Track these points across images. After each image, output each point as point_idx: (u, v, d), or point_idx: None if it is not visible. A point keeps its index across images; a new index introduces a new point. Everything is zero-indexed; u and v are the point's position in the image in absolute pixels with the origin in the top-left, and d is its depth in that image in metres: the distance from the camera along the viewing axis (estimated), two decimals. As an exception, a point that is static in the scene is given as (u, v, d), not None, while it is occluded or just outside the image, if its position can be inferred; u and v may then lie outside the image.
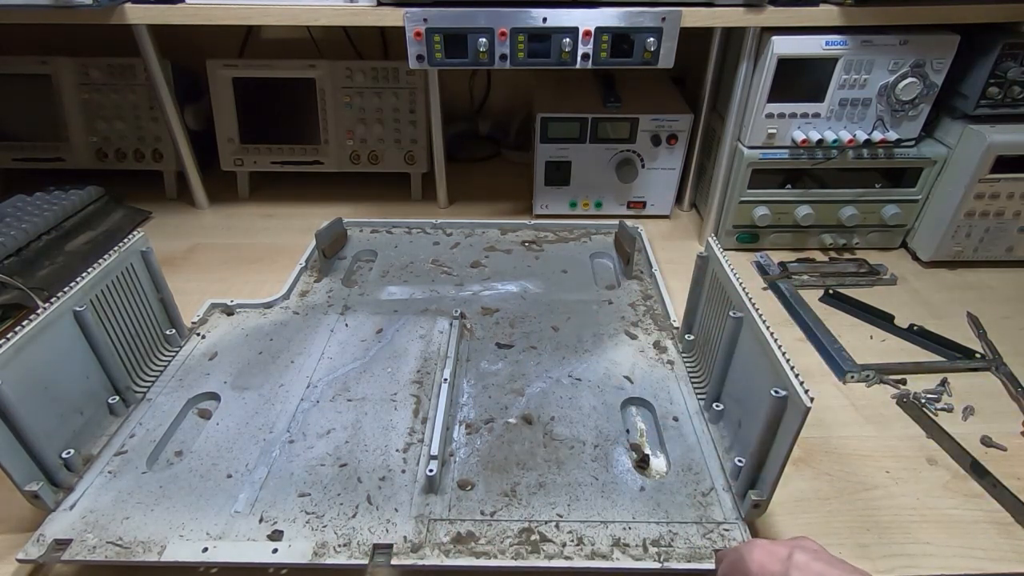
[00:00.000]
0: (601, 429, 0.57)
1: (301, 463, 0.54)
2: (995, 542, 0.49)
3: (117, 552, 0.46)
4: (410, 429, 0.57)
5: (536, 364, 0.65)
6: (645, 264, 0.82)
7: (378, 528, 0.48)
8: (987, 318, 0.72)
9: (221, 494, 0.51)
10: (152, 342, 0.64)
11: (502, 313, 0.72)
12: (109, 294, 0.58)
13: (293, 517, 0.49)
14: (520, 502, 0.50)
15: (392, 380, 0.63)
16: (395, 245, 0.86)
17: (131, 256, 0.61)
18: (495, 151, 1.18)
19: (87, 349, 0.55)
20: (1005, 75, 0.71)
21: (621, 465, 0.54)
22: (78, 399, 0.55)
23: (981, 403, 0.61)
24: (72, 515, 0.49)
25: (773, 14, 0.71)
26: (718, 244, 0.59)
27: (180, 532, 0.48)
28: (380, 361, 0.65)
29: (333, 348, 0.67)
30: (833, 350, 0.67)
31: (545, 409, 0.59)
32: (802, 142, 0.77)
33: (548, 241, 0.88)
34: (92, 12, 0.72)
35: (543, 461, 0.54)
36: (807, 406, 0.39)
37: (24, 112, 0.94)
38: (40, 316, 0.50)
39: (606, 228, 0.89)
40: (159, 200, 0.98)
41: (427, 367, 0.64)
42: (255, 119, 0.96)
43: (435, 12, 0.69)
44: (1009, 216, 0.78)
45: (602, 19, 0.70)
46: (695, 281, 0.64)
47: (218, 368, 0.65)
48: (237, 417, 0.59)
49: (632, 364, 0.65)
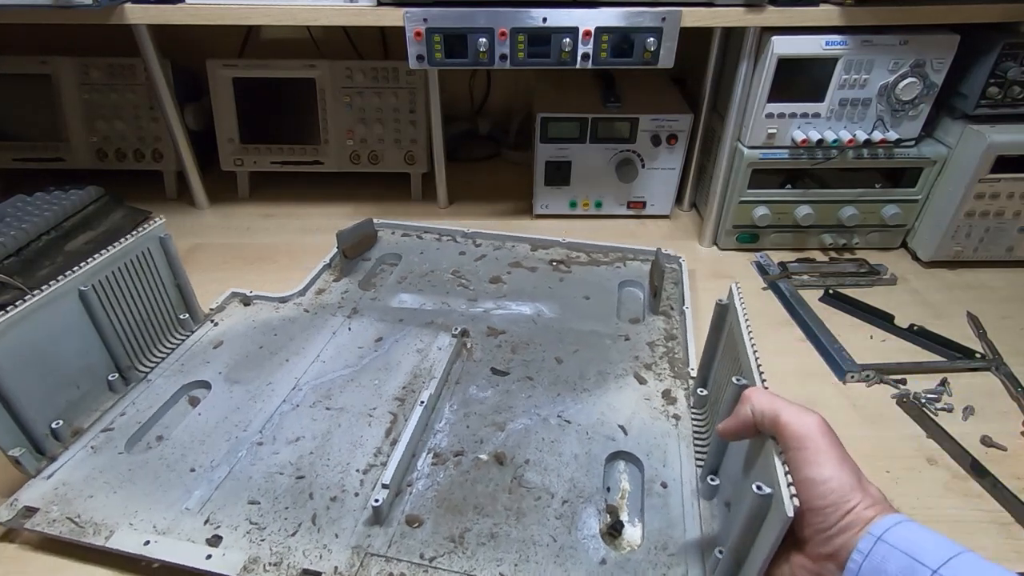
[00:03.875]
0: (576, 482, 0.51)
1: (262, 468, 0.52)
2: (995, 542, 0.49)
3: (71, 530, 0.47)
4: (377, 449, 0.54)
5: (527, 397, 0.60)
6: (679, 300, 0.74)
7: (312, 552, 0.46)
8: (987, 318, 0.72)
9: (179, 487, 0.51)
10: (164, 325, 0.66)
11: (508, 336, 0.68)
12: (121, 276, 0.60)
13: (236, 524, 0.48)
14: (465, 552, 0.46)
15: (376, 394, 0.60)
16: (421, 251, 0.84)
17: (148, 241, 0.62)
18: (495, 151, 1.18)
19: (90, 327, 0.57)
20: (1005, 75, 0.71)
21: (587, 528, 0.48)
22: (75, 374, 0.56)
23: (981, 403, 0.61)
24: (47, 485, 0.50)
25: (773, 14, 0.71)
26: (740, 294, 0.52)
27: (131, 520, 0.48)
28: (370, 371, 0.63)
29: (329, 351, 0.66)
30: (833, 350, 0.67)
31: (522, 450, 0.54)
32: (802, 142, 0.77)
33: (578, 262, 0.82)
34: (92, 12, 0.72)
35: (503, 508, 0.49)
36: (788, 516, 0.33)
37: (24, 112, 0.94)
38: (41, 293, 0.52)
39: (644, 254, 0.83)
40: (159, 200, 0.98)
41: (414, 384, 0.61)
42: (255, 119, 0.96)
43: (435, 12, 0.69)
44: (1009, 216, 0.78)
45: (602, 19, 0.70)
46: (713, 329, 0.56)
47: (218, 357, 0.65)
48: (220, 410, 0.58)
49: (632, 412, 0.58)
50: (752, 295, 0.78)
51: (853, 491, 0.35)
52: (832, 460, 0.35)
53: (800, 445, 0.36)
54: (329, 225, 0.93)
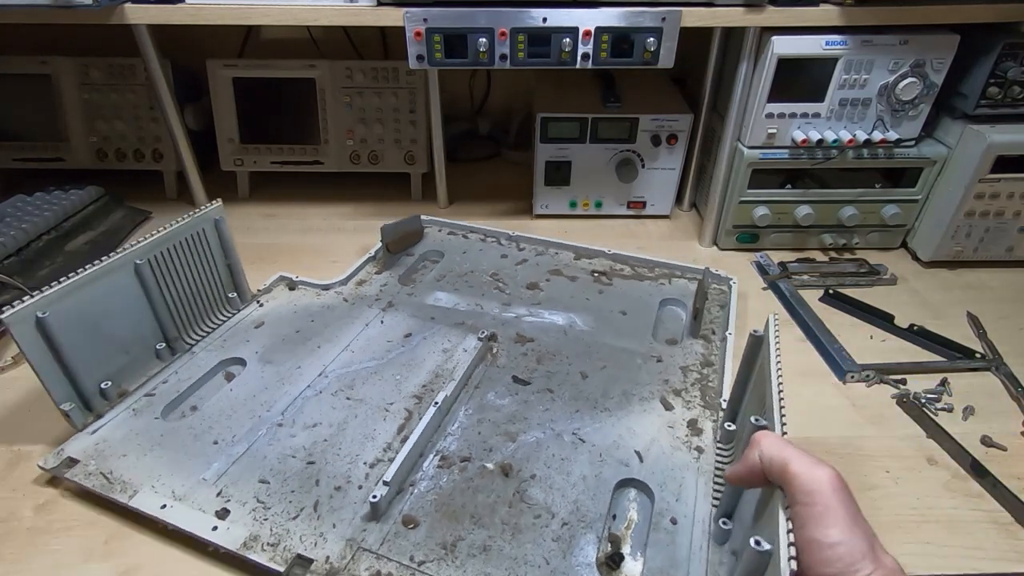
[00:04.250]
0: (580, 505, 0.49)
1: (277, 449, 0.54)
2: (995, 542, 0.48)
3: (102, 484, 0.50)
4: (387, 444, 0.54)
5: (544, 410, 0.58)
6: (723, 324, 0.70)
7: (309, 538, 0.46)
8: (987, 318, 0.72)
9: (201, 458, 0.53)
10: (213, 302, 0.69)
11: (536, 344, 0.66)
12: (176, 254, 0.63)
13: (245, 500, 0.49)
14: (454, 561, 0.45)
15: (396, 389, 0.61)
16: (464, 250, 0.84)
17: (203, 222, 0.65)
18: (495, 151, 1.18)
19: (143, 298, 0.60)
20: (1005, 75, 0.71)
21: (583, 556, 0.45)
22: (127, 340, 0.60)
23: (981, 403, 0.61)
24: (90, 440, 0.54)
25: (773, 14, 0.71)
26: (777, 325, 0.48)
27: (154, 483, 0.50)
28: (394, 366, 0.63)
29: (360, 342, 0.67)
30: (833, 350, 0.67)
31: (530, 464, 0.52)
32: (802, 142, 0.77)
33: (621, 275, 0.79)
34: (92, 12, 0.72)
35: (500, 522, 0.47)
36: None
37: (24, 112, 0.94)
38: (101, 263, 0.56)
39: (692, 272, 0.79)
40: (159, 200, 0.98)
41: (434, 384, 0.61)
42: (255, 119, 0.96)
43: (435, 12, 0.69)
44: (1009, 216, 0.78)
45: (602, 19, 0.70)
46: (745, 361, 0.52)
47: (258, 337, 0.67)
48: (250, 388, 0.61)
49: (652, 439, 0.55)
50: (752, 295, 0.78)
51: (864, 559, 0.32)
52: (842, 521, 0.32)
53: (809, 500, 0.33)
54: (329, 225, 0.93)
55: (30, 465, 0.53)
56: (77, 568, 0.46)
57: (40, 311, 0.50)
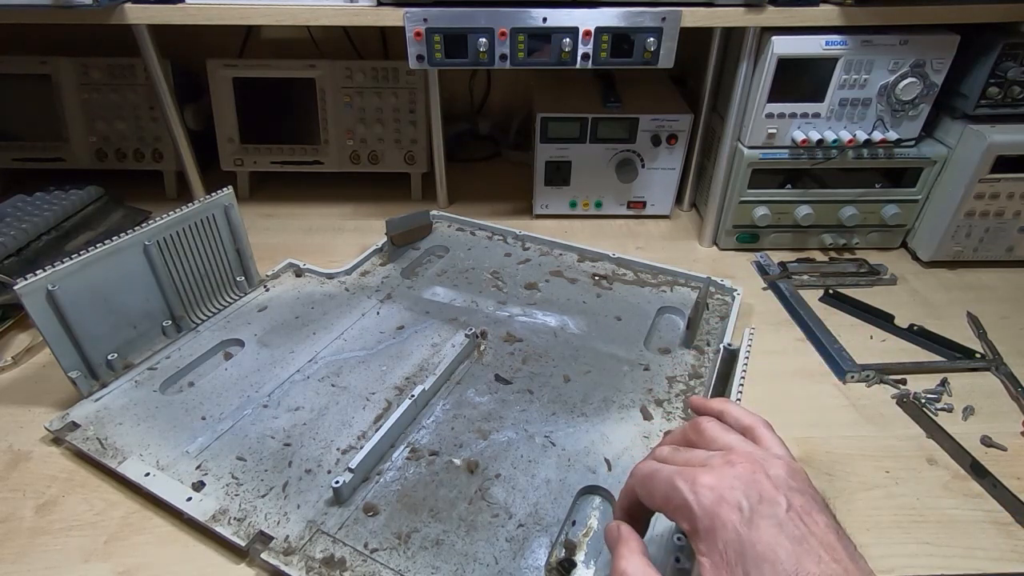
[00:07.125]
0: (540, 508, 0.49)
1: (259, 429, 0.56)
2: (995, 542, 0.49)
3: (96, 449, 0.53)
4: (362, 432, 0.55)
5: (520, 411, 0.58)
6: (719, 336, 0.68)
7: (273, 517, 0.48)
8: (987, 318, 0.72)
9: (187, 431, 0.55)
10: (221, 284, 0.72)
11: (524, 345, 0.66)
12: (185, 237, 0.66)
13: (220, 475, 0.51)
14: (405, 552, 0.45)
15: (379, 379, 0.62)
16: (469, 247, 0.85)
17: (213, 208, 0.68)
18: (495, 151, 1.18)
19: (151, 277, 0.63)
20: (1005, 75, 0.71)
21: (534, 559, 0.45)
22: (135, 316, 0.63)
23: (981, 403, 0.61)
24: (93, 407, 0.58)
25: (773, 14, 0.71)
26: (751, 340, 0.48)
27: (142, 452, 0.53)
28: (382, 357, 0.65)
29: (353, 331, 0.68)
30: (833, 350, 0.67)
31: (496, 463, 0.52)
32: (802, 142, 0.77)
33: (622, 280, 0.78)
34: (92, 12, 0.72)
35: (457, 518, 0.48)
36: None
37: (24, 112, 0.94)
38: (111, 243, 0.59)
39: (696, 281, 0.77)
40: (159, 200, 0.98)
41: (418, 377, 0.62)
42: (255, 119, 0.96)
43: (435, 12, 0.69)
44: (1009, 216, 0.78)
45: (602, 19, 0.70)
46: (720, 376, 0.53)
47: (259, 320, 0.70)
48: (244, 368, 0.63)
49: (624, 448, 0.54)
50: (752, 295, 0.78)
51: None
52: None
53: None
54: (329, 225, 0.93)
55: (30, 465, 0.54)
56: (77, 568, 0.46)
57: (51, 284, 0.54)
